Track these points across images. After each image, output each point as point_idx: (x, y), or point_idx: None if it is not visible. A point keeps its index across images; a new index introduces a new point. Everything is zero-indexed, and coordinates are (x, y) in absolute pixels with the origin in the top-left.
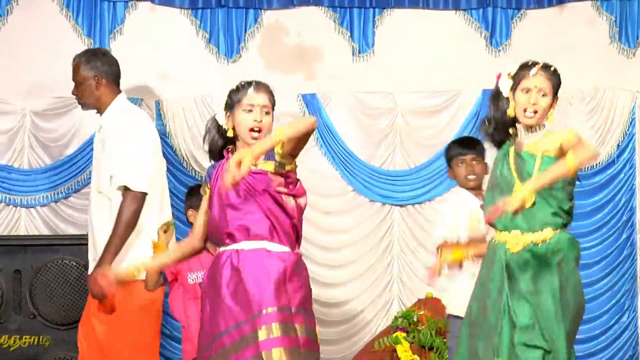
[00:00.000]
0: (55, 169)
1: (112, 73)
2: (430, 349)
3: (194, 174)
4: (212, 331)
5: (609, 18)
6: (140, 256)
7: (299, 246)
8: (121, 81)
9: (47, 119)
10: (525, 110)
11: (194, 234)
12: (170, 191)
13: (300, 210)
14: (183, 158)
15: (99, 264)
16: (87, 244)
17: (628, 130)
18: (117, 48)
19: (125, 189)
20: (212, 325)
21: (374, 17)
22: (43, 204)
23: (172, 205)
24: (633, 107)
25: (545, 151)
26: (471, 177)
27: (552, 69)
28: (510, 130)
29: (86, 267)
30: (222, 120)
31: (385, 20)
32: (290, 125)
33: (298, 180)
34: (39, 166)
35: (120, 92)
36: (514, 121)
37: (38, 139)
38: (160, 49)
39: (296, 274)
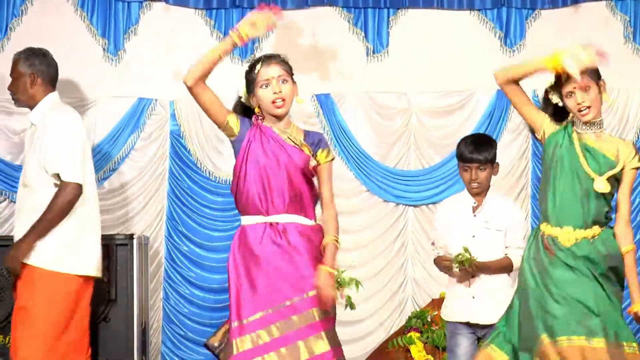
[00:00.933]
0: None
1: (48, 74)
2: (444, 349)
3: (208, 174)
4: (267, 301)
5: (624, 18)
6: (61, 240)
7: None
8: (136, 81)
9: None
10: (579, 111)
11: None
12: (185, 191)
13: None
14: (197, 158)
15: (22, 241)
16: (102, 245)
17: None
18: (132, 48)
19: (61, 180)
20: (264, 294)
21: (388, 17)
22: None
23: (186, 205)
24: None
25: (614, 157)
26: (474, 185)
27: None
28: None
29: None
30: (244, 95)
31: (399, 21)
32: (336, 229)
33: None
34: None
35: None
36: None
37: None
38: (175, 49)
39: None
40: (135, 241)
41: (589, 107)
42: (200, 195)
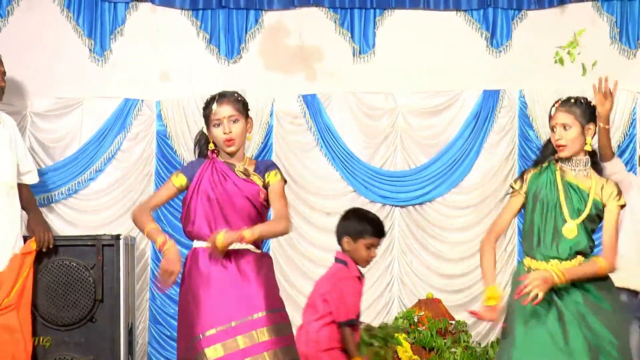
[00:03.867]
0: (55, 170)
1: None
2: (431, 349)
3: None
4: (204, 325)
5: (610, 19)
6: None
7: None
8: (122, 81)
9: (48, 120)
10: (557, 145)
11: (150, 208)
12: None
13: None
14: (183, 159)
15: (35, 222)
16: (89, 245)
17: (629, 131)
18: (118, 49)
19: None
20: (204, 318)
21: (374, 17)
22: (43, 204)
23: (172, 205)
24: (634, 108)
25: (597, 195)
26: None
27: (572, 100)
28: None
29: (87, 268)
30: (205, 127)
31: (385, 21)
32: (264, 229)
33: None
34: (39, 167)
35: None
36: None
37: (38, 139)
38: (161, 50)
39: (273, 274)
40: (121, 242)
41: (564, 146)
42: None
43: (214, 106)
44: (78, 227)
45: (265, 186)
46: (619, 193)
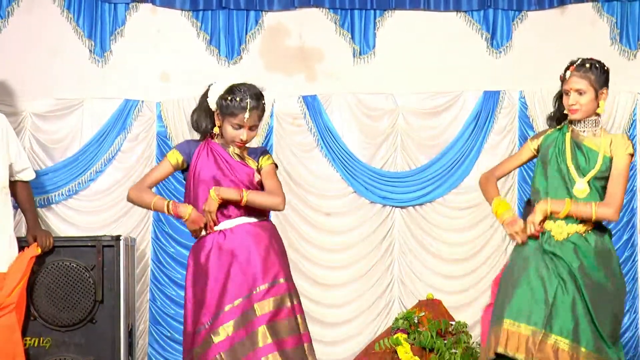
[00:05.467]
0: (55, 171)
1: None
2: (431, 350)
3: None
4: (209, 312)
5: (610, 20)
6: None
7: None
8: (122, 82)
9: (48, 121)
10: (570, 109)
11: (147, 186)
12: (171, 192)
13: None
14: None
15: (35, 226)
16: (89, 246)
17: (629, 132)
18: (118, 50)
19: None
20: (210, 306)
21: (374, 18)
22: (43, 205)
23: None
24: (634, 109)
25: (606, 152)
26: None
27: (587, 65)
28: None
29: (87, 269)
30: (214, 107)
31: (386, 22)
32: (258, 196)
33: None
34: (40, 168)
35: None
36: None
37: (39, 140)
38: (161, 51)
39: (278, 240)
40: (121, 242)
41: (577, 110)
42: None
43: (246, 115)
44: (78, 227)
45: (259, 169)
46: (629, 142)
